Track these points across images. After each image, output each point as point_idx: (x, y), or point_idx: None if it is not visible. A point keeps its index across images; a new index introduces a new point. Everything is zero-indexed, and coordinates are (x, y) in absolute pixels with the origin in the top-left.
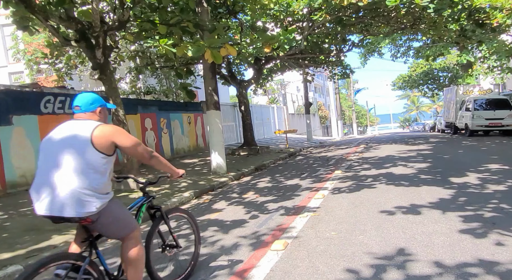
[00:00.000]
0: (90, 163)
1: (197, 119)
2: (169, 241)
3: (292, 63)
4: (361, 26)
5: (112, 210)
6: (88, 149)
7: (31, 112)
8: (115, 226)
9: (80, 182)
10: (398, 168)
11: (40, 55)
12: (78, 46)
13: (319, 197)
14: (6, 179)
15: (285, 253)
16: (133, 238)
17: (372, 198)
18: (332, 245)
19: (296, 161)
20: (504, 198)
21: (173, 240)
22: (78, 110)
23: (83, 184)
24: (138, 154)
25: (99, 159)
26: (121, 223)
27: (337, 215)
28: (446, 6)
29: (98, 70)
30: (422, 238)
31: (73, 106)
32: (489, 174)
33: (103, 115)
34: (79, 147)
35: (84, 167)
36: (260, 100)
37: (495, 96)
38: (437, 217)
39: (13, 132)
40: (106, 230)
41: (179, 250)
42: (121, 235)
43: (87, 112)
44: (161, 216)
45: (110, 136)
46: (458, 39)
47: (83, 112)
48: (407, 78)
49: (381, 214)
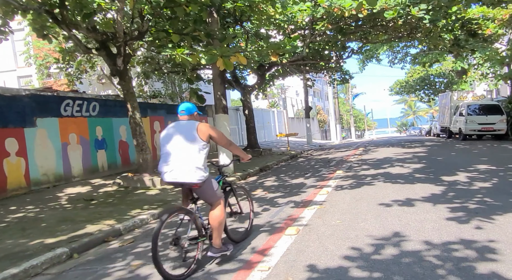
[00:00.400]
0: (198, 148)
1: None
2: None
3: (294, 69)
4: (360, 34)
5: (210, 182)
6: (196, 139)
7: (53, 115)
8: (209, 193)
9: (195, 160)
10: (395, 168)
11: (52, 60)
12: (99, 54)
13: (323, 193)
14: (30, 177)
15: (298, 237)
16: (219, 204)
17: (371, 193)
18: (338, 231)
19: (298, 162)
20: (488, 193)
21: (239, 207)
22: (183, 113)
23: (197, 162)
24: (222, 142)
25: (201, 145)
26: (213, 192)
27: (341, 207)
28: (441, 17)
29: (117, 76)
30: (415, 224)
31: (179, 111)
32: (477, 173)
33: (197, 117)
34: (190, 137)
35: (196, 150)
36: (260, 104)
37: (488, 102)
38: (428, 208)
39: (37, 133)
40: (204, 195)
41: (242, 215)
42: (211, 201)
43: (189, 115)
44: (230, 190)
45: (207, 130)
46: (452, 48)
47: (187, 115)
48: (404, 84)
49: (379, 206)
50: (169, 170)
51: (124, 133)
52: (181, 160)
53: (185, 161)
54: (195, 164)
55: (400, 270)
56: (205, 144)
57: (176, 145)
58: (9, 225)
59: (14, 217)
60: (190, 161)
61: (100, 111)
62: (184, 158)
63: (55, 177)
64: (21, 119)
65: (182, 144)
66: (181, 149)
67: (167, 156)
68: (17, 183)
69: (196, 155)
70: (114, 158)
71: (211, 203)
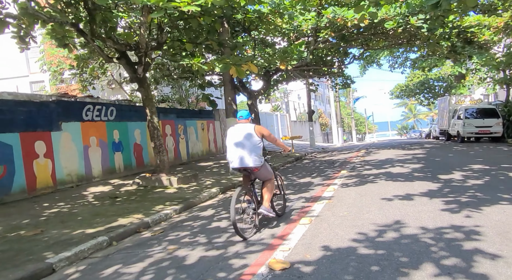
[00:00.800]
0: (255, 143)
1: (209, 126)
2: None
3: (297, 74)
4: (362, 41)
5: (265, 166)
6: (253, 136)
7: (75, 120)
8: (265, 173)
9: (255, 151)
10: (395, 168)
11: (66, 66)
12: (119, 62)
13: (330, 190)
14: (56, 177)
15: (311, 225)
16: (271, 180)
17: (374, 190)
18: (346, 220)
19: (304, 163)
20: (479, 189)
21: (279, 189)
22: (242, 118)
23: (256, 152)
24: (270, 138)
25: (258, 141)
26: (268, 172)
27: (347, 202)
28: (438, 26)
29: (137, 83)
30: (413, 214)
31: (238, 116)
32: (472, 172)
33: (251, 120)
34: (250, 135)
35: (254, 144)
36: (263, 108)
37: (484, 106)
38: (425, 201)
39: (62, 136)
40: (261, 175)
41: (279, 194)
42: (266, 179)
43: (246, 119)
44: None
45: (260, 130)
46: (449, 54)
47: (245, 119)
48: (404, 88)
49: (382, 200)
50: (236, 159)
51: (138, 137)
52: (244, 151)
53: (247, 152)
54: (255, 154)
55: (400, 248)
56: (260, 140)
57: (240, 141)
58: (48, 218)
59: (50, 212)
60: (251, 152)
61: (116, 115)
62: (246, 150)
63: (78, 177)
64: (48, 123)
65: (244, 140)
66: (244, 143)
67: (233, 149)
68: (45, 183)
69: (254, 147)
70: (129, 159)
71: (266, 180)
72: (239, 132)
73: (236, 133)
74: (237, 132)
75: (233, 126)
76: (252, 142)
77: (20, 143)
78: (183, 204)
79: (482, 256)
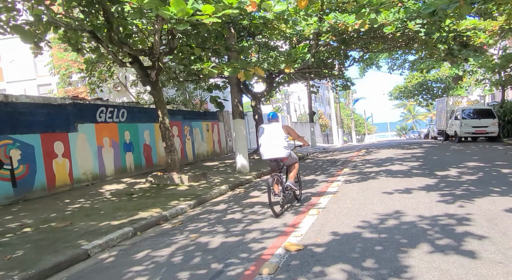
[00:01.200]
0: (283, 138)
1: (214, 127)
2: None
3: (299, 76)
4: (361, 44)
5: (291, 154)
6: (282, 132)
7: (90, 121)
8: (292, 160)
9: (283, 144)
10: (395, 166)
11: (75, 70)
12: (132, 67)
13: (335, 186)
14: (73, 176)
15: (319, 216)
16: (296, 163)
17: (375, 185)
18: (350, 211)
19: (307, 163)
20: (473, 184)
21: (297, 177)
22: (271, 118)
23: (284, 145)
24: (294, 135)
25: (285, 136)
26: (294, 159)
27: (351, 196)
28: (435, 31)
29: (150, 86)
30: (412, 205)
31: (268, 117)
32: (467, 169)
33: (279, 120)
34: (279, 132)
35: (283, 139)
36: (264, 110)
37: (481, 107)
38: (423, 194)
39: (78, 137)
40: (289, 162)
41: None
42: (292, 163)
43: (275, 119)
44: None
45: (287, 128)
46: (446, 57)
47: (274, 119)
48: (403, 89)
49: (383, 194)
50: (267, 151)
51: (148, 137)
52: (275, 145)
53: (277, 145)
54: (283, 146)
55: (400, 232)
56: (286, 135)
57: (271, 136)
58: (73, 213)
59: (73, 207)
60: (280, 145)
61: (127, 117)
62: (276, 143)
63: (92, 176)
64: (66, 125)
65: (274, 135)
66: (274, 138)
67: (267, 143)
68: (63, 181)
69: (283, 141)
70: (139, 159)
71: (291, 165)
72: (270, 130)
73: (268, 131)
74: (269, 130)
75: (265, 125)
76: (281, 137)
77: (41, 143)
78: (196, 200)
79: (471, 237)
